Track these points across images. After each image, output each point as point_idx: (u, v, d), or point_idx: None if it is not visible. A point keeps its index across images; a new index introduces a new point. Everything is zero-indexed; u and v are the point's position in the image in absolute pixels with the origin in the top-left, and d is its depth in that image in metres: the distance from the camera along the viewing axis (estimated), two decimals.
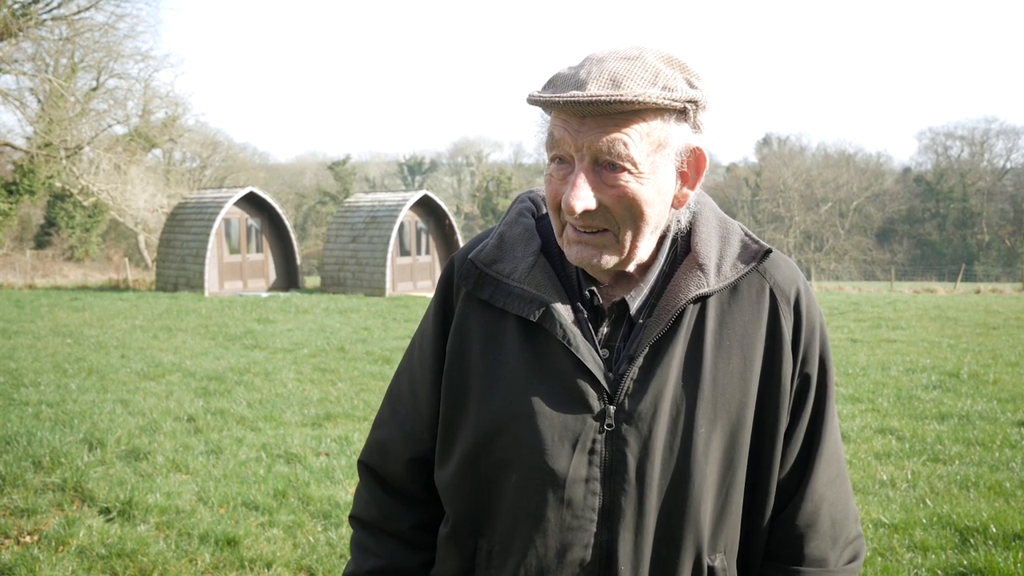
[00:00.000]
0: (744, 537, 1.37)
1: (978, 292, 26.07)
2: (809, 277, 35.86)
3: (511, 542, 1.31)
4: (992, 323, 14.50)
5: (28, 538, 4.28)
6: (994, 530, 4.30)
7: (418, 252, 24.32)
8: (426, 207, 24.59)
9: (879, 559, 4.04)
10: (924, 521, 4.50)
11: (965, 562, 3.94)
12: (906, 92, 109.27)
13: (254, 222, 24.16)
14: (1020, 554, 3.98)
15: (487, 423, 1.31)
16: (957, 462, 5.73)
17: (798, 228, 53.21)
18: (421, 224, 24.47)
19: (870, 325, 14.34)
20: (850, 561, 1.38)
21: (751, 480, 1.34)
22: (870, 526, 4.46)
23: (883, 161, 59.71)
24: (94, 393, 7.94)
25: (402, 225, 23.44)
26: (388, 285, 22.43)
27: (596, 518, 1.27)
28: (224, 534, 4.31)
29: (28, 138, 28.37)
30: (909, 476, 5.40)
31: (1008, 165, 56.92)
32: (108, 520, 4.56)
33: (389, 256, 22.48)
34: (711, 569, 1.31)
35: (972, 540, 4.22)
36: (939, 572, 3.90)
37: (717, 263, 1.31)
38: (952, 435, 6.44)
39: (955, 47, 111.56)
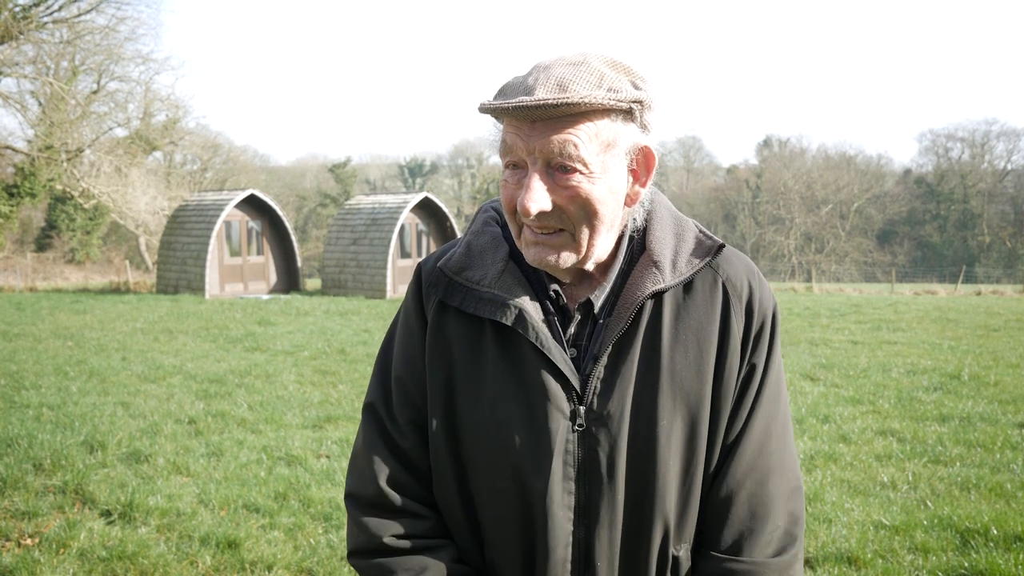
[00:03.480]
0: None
1: (979, 294, 26.07)
2: (809, 279, 35.81)
3: (503, 549, 1.34)
4: (993, 325, 14.49)
5: (29, 540, 4.28)
6: (995, 532, 4.29)
7: (419, 254, 24.31)
8: (427, 209, 24.60)
9: (880, 561, 4.04)
10: (925, 523, 4.50)
11: (966, 564, 3.94)
12: (906, 94, 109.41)
13: (255, 224, 24.17)
14: (1021, 556, 3.98)
15: (470, 433, 1.34)
16: (958, 464, 5.73)
17: (799, 230, 53.19)
18: (422, 226, 24.48)
19: (871, 327, 14.33)
20: (776, 555, 1.34)
21: (706, 470, 1.36)
22: (871, 528, 4.46)
23: (884, 163, 59.73)
24: (95, 395, 7.95)
25: (403, 227, 23.45)
26: (389, 287, 22.43)
27: (572, 516, 1.31)
28: (225, 536, 4.31)
29: (29, 141, 28.40)
30: (910, 478, 5.40)
31: (1009, 167, 56.91)
32: (109, 522, 4.56)
33: (390, 258, 22.49)
34: (675, 559, 1.35)
35: (973, 542, 4.21)
36: (940, 574, 3.90)
37: (672, 259, 1.35)
38: (953, 437, 6.44)
39: (955, 49, 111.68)
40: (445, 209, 24.94)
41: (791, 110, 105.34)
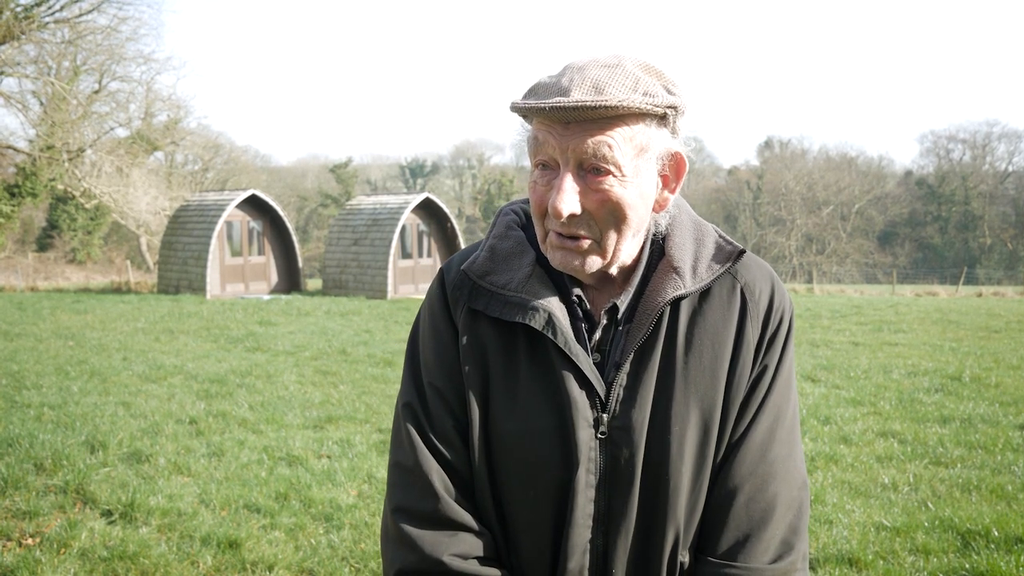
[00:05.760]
0: None
1: (980, 295, 26.05)
2: (810, 280, 35.82)
3: (529, 557, 1.34)
4: (994, 326, 14.48)
5: (30, 540, 4.28)
6: (996, 534, 4.29)
7: (420, 255, 24.33)
8: (428, 210, 24.61)
9: (881, 562, 4.04)
10: (926, 524, 4.50)
11: (967, 565, 3.94)
12: (908, 95, 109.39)
13: (256, 224, 24.18)
14: (1022, 558, 3.98)
15: (502, 441, 1.32)
16: (959, 465, 5.73)
17: (800, 231, 53.18)
18: (423, 227, 24.48)
19: (872, 328, 14.33)
20: (773, 562, 1.31)
21: (712, 471, 1.35)
22: (872, 529, 4.46)
23: (885, 164, 59.72)
24: (96, 395, 7.95)
25: (404, 228, 23.45)
26: (390, 287, 22.44)
27: (592, 524, 1.30)
28: (226, 536, 4.31)
29: (30, 140, 28.42)
30: (911, 479, 5.40)
31: (1010, 168, 56.92)
32: (110, 522, 4.56)
33: (391, 259, 22.49)
34: (682, 565, 1.34)
35: (974, 544, 4.21)
36: (941, 575, 3.89)
37: (692, 265, 1.34)
38: (954, 438, 6.43)
39: (957, 50, 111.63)
40: (446, 210, 24.96)
41: (792, 111, 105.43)
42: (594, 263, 1.28)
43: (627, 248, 1.30)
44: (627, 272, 1.36)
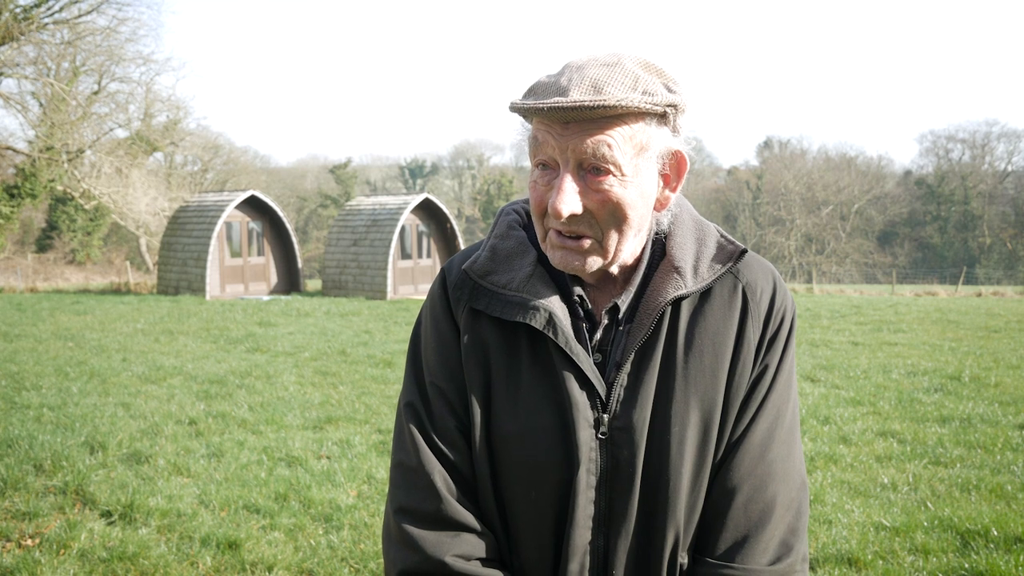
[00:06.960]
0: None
1: (979, 295, 26.06)
2: (810, 280, 35.82)
3: (532, 557, 1.33)
4: (993, 326, 14.49)
5: (30, 541, 4.28)
6: (995, 533, 4.29)
7: (419, 255, 24.33)
8: (427, 210, 24.61)
9: (880, 562, 4.04)
10: (925, 524, 4.50)
11: (966, 565, 3.94)
12: (907, 95, 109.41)
13: (255, 225, 24.18)
14: (1021, 557, 3.98)
15: (503, 441, 1.32)
16: (958, 465, 5.73)
17: (799, 231, 53.19)
18: (422, 227, 24.48)
19: (871, 328, 14.33)
20: (772, 563, 1.30)
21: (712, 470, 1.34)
22: (871, 529, 4.46)
23: (884, 164, 59.71)
24: (95, 396, 7.95)
25: (403, 228, 23.45)
26: (389, 288, 22.44)
27: (592, 525, 1.30)
28: (225, 537, 4.31)
29: (30, 141, 28.40)
30: (910, 479, 5.40)
31: (1009, 168, 56.92)
32: (109, 523, 4.56)
33: (390, 259, 22.50)
34: (682, 566, 1.33)
35: (973, 543, 4.21)
36: (940, 575, 3.90)
37: (694, 265, 1.33)
38: (953, 438, 6.44)
39: (956, 50, 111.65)
40: (446, 210, 24.95)
41: (792, 111, 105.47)
42: (595, 263, 1.28)
43: (628, 248, 1.30)
44: (628, 271, 1.35)
